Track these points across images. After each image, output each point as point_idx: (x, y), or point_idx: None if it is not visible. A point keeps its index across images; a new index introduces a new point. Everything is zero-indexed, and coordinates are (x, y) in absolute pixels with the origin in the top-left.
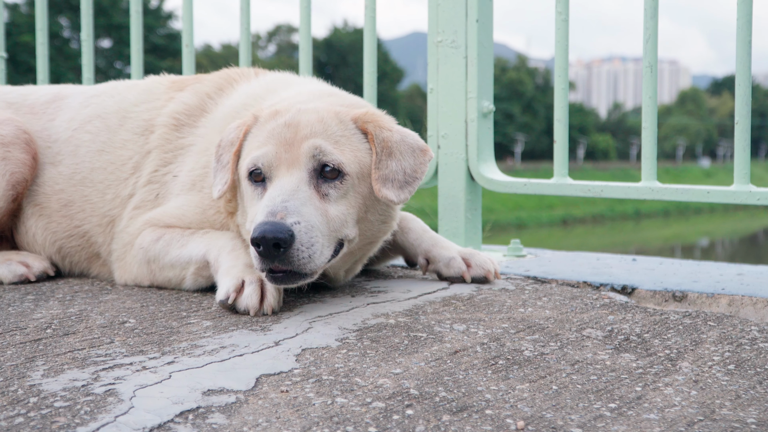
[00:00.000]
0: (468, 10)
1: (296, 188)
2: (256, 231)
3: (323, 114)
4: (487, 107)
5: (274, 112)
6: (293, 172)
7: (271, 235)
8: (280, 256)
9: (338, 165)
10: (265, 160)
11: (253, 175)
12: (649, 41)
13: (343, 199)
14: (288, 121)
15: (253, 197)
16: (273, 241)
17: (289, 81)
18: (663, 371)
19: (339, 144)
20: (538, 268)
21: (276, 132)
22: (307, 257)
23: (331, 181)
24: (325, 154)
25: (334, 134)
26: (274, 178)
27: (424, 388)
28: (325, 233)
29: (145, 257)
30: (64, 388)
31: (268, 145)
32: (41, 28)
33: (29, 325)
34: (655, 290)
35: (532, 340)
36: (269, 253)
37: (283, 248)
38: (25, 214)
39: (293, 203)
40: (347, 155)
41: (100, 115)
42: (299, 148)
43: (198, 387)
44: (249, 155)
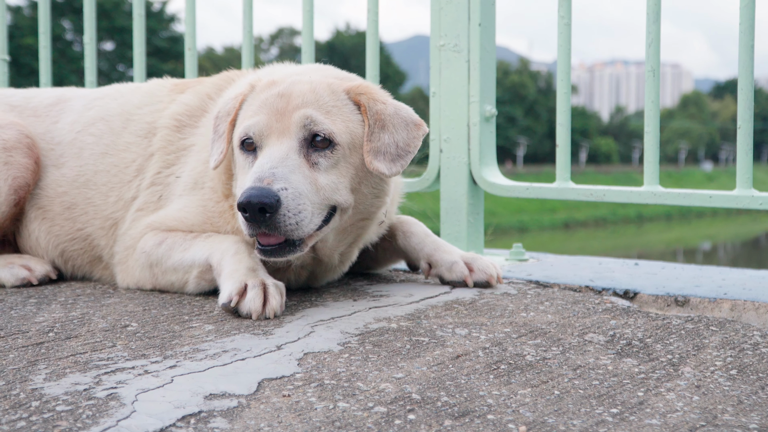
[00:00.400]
0: (470, 14)
1: (285, 156)
2: (243, 196)
3: (316, 85)
4: (490, 111)
5: (270, 82)
6: (283, 140)
7: (256, 200)
8: (266, 221)
9: (329, 134)
10: (257, 129)
11: (244, 144)
12: (652, 45)
13: (334, 169)
14: (281, 91)
15: (244, 166)
16: (258, 205)
17: (289, 65)
18: (665, 376)
19: (330, 114)
20: (541, 272)
21: (269, 102)
22: (294, 224)
23: (321, 151)
24: (315, 123)
25: (326, 104)
26: (264, 146)
27: (426, 393)
28: (315, 201)
29: (148, 261)
30: (66, 392)
31: (260, 114)
32: (44, 31)
33: (31, 329)
34: (658, 295)
35: (534, 345)
36: (255, 218)
37: (269, 213)
38: (28, 217)
39: (281, 170)
40: (338, 125)
41: (104, 118)
42: (290, 118)
43: (200, 391)
44: (242, 124)
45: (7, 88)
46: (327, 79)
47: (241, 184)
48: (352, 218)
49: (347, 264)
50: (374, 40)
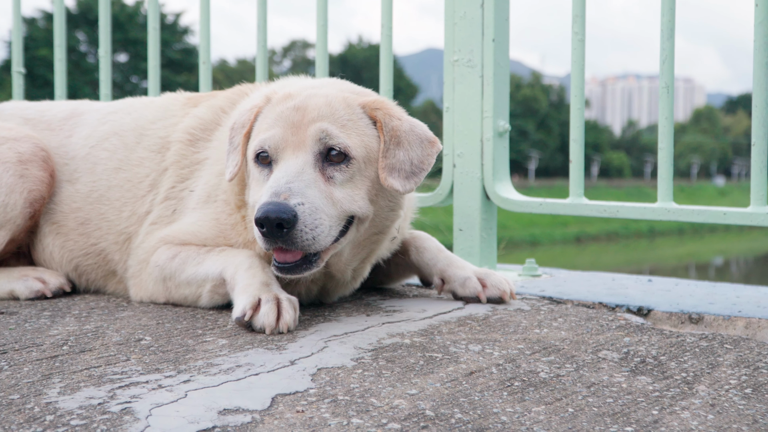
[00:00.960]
0: (484, 29)
1: (301, 170)
2: (260, 211)
3: (331, 98)
4: (503, 126)
5: (285, 95)
6: (299, 154)
7: (274, 215)
8: (283, 237)
9: (344, 148)
10: (272, 143)
11: (259, 158)
12: (666, 62)
13: (349, 183)
14: (297, 104)
15: (259, 179)
16: (276, 221)
17: (303, 78)
18: (679, 394)
19: (346, 128)
20: (554, 288)
21: (284, 115)
22: (311, 238)
23: (336, 165)
24: (331, 137)
25: (341, 118)
26: (280, 160)
27: (440, 410)
28: (332, 214)
29: (161, 275)
30: (81, 405)
31: (275, 127)
32: (59, 44)
33: (46, 342)
34: (672, 312)
35: (547, 362)
36: (272, 233)
37: (287, 228)
38: (43, 231)
39: (297, 185)
40: (354, 139)
41: (117, 133)
42: (306, 131)
43: (214, 406)
44: (257, 137)
45: (21, 101)
46: (342, 93)
47: (255, 196)
48: (367, 231)
49: (359, 280)
50: (388, 54)
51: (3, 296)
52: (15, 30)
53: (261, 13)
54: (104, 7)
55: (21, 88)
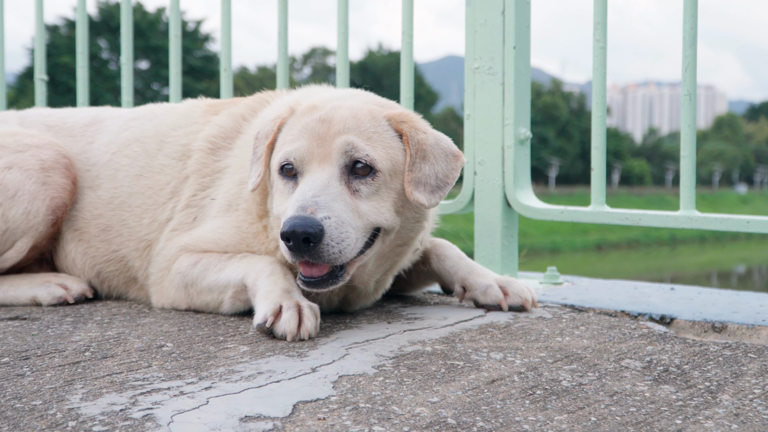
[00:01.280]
0: (505, 36)
1: (327, 183)
2: (286, 225)
3: (357, 111)
4: (524, 134)
5: (311, 106)
6: (325, 167)
7: (301, 229)
8: (310, 251)
9: (370, 161)
10: (297, 155)
11: (284, 170)
12: (688, 69)
13: (375, 195)
14: (322, 116)
15: (284, 191)
16: (303, 235)
17: (326, 87)
18: (703, 404)
19: (371, 140)
20: (575, 296)
21: (310, 126)
22: (337, 252)
23: (362, 178)
24: (357, 150)
25: (367, 131)
26: (305, 172)
27: (462, 418)
28: (358, 226)
29: (183, 281)
30: (103, 412)
31: (301, 139)
32: (82, 51)
33: (68, 348)
34: (695, 321)
35: (570, 370)
36: (299, 247)
37: (313, 243)
38: (65, 238)
39: (324, 198)
40: (379, 152)
41: (139, 139)
42: (331, 144)
43: (235, 413)
44: (282, 149)
45: (43, 108)
46: (368, 106)
47: (279, 208)
48: (392, 243)
49: (381, 292)
50: (409, 61)
51: (26, 302)
52: (38, 37)
53: (282, 21)
54: (126, 14)
55: (43, 95)
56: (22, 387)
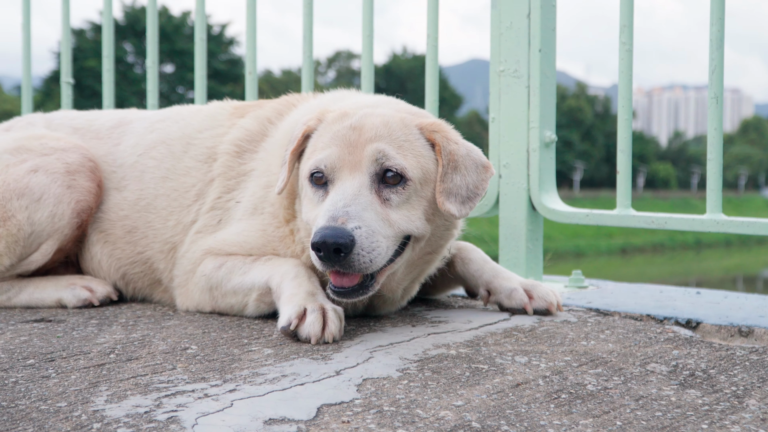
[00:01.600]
0: (531, 39)
1: (357, 192)
2: (317, 236)
3: (388, 118)
4: (550, 137)
5: (342, 113)
6: (355, 175)
7: (332, 240)
8: (341, 261)
9: (401, 170)
10: (328, 163)
11: (313, 178)
12: (715, 72)
13: (406, 204)
14: (353, 123)
15: (314, 200)
16: (334, 246)
17: (354, 92)
18: (729, 408)
19: (402, 149)
20: (601, 300)
21: (340, 134)
22: (368, 261)
23: (392, 187)
24: (387, 158)
25: (398, 139)
26: (336, 181)
27: (486, 421)
28: (389, 235)
29: (208, 284)
30: (127, 414)
31: (331, 147)
32: (107, 54)
33: (93, 350)
34: (721, 325)
35: (595, 374)
36: (330, 258)
37: (344, 253)
38: (90, 240)
39: (354, 208)
40: (410, 160)
41: (165, 141)
42: (362, 151)
43: (259, 416)
44: (312, 157)
45: (69, 111)
46: (399, 114)
47: (309, 215)
48: (421, 251)
49: (407, 299)
50: (434, 64)
51: (51, 304)
52: (64, 41)
53: (307, 24)
54: (152, 18)
55: (69, 98)
56: (47, 389)
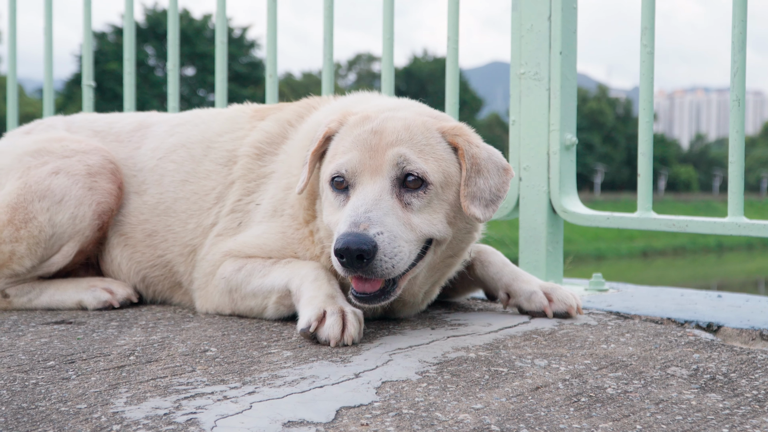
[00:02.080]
0: (551, 42)
1: (378, 197)
2: (340, 242)
3: (409, 122)
4: (570, 140)
5: (363, 117)
6: (376, 179)
7: (354, 246)
8: (363, 267)
9: (422, 174)
10: (349, 167)
11: (334, 182)
12: (737, 74)
13: (427, 208)
14: (374, 127)
15: (335, 204)
16: (357, 252)
17: (375, 95)
18: (750, 413)
19: (423, 153)
20: (621, 303)
21: (362, 138)
22: (390, 267)
23: (413, 191)
24: (409, 162)
25: (419, 143)
26: (357, 185)
27: (505, 425)
28: (411, 240)
29: (227, 287)
30: (147, 416)
31: (353, 151)
32: (129, 58)
33: (113, 352)
34: (742, 328)
35: (615, 378)
36: (352, 264)
37: (367, 259)
38: (111, 243)
39: (376, 213)
40: (431, 164)
41: (185, 145)
42: (383, 155)
43: (278, 418)
44: (333, 161)
45: (90, 113)
46: (421, 117)
47: (330, 218)
48: (443, 254)
49: (426, 303)
50: (454, 67)
51: (72, 306)
52: (86, 44)
53: (327, 27)
54: (173, 21)
55: (91, 101)
56: (67, 390)
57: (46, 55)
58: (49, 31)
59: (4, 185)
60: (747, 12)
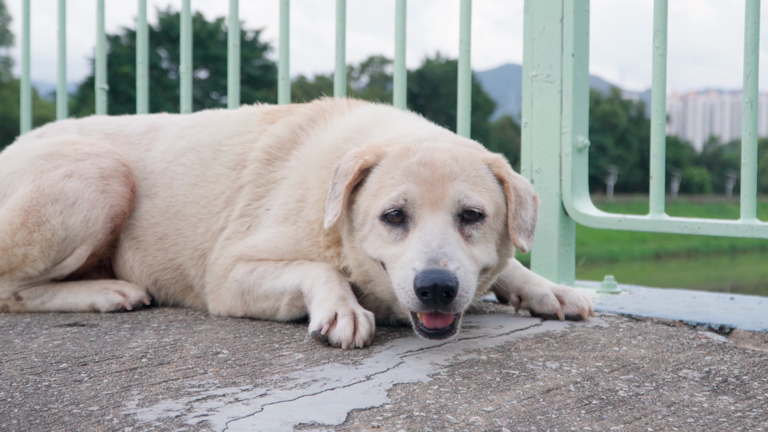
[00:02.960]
0: (564, 44)
1: (445, 232)
2: (426, 280)
3: (456, 153)
4: (582, 142)
5: (404, 149)
6: (438, 213)
7: (442, 284)
8: (444, 302)
9: (480, 208)
10: (409, 197)
11: (388, 217)
12: (750, 76)
13: (483, 238)
14: (422, 160)
15: (388, 238)
16: (444, 290)
17: (391, 114)
18: (762, 415)
19: (476, 185)
20: (633, 305)
21: (412, 170)
22: (465, 301)
23: (472, 223)
24: (469, 198)
25: (471, 175)
26: (417, 219)
27: (517, 427)
28: (476, 272)
29: (240, 289)
30: (159, 418)
31: (406, 184)
32: (142, 60)
33: (125, 354)
34: (755, 331)
35: (626, 380)
36: (435, 300)
37: (450, 295)
38: (123, 246)
39: (449, 249)
40: (485, 197)
41: (194, 148)
42: (442, 190)
43: (289, 420)
44: (381, 195)
45: (101, 116)
46: (464, 148)
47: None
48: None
49: None
50: (466, 69)
51: (84, 308)
52: (99, 47)
53: (339, 29)
54: (185, 24)
55: (104, 104)
56: (79, 392)
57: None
58: (63, 34)
59: (18, 188)
60: (760, 13)
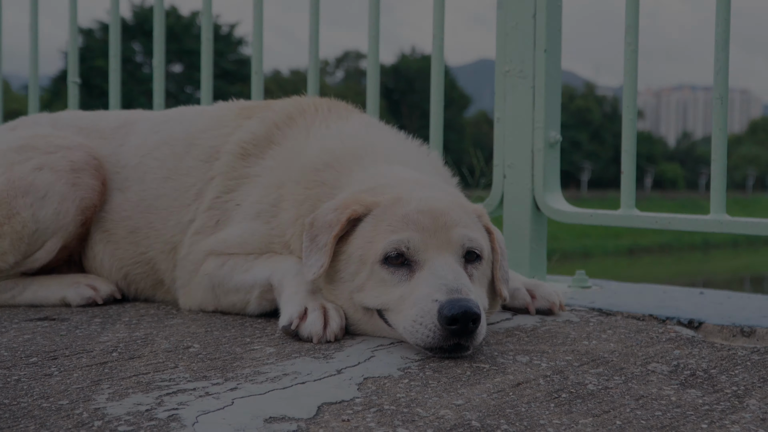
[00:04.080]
0: (536, 40)
1: (457, 269)
2: (454, 308)
3: (451, 204)
4: (554, 137)
5: (396, 198)
6: (444, 255)
7: (471, 310)
8: (468, 333)
9: (480, 251)
10: (411, 244)
11: (389, 260)
12: (720, 73)
13: (480, 279)
14: (419, 209)
15: (391, 281)
16: (473, 316)
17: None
18: (730, 408)
19: (474, 231)
20: (604, 300)
21: (411, 218)
22: (483, 333)
23: (473, 263)
24: (471, 240)
25: (468, 222)
26: (423, 262)
27: (486, 420)
28: (484, 308)
29: (210, 283)
30: (128, 412)
31: (406, 230)
32: (114, 54)
33: (95, 348)
34: (723, 325)
35: (596, 374)
36: (462, 330)
37: (476, 324)
38: (93, 239)
39: (464, 281)
40: (482, 242)
41: (168, 142)
42: (446, 236)
43: (260, 414)
44: (378, 241)
45: (77, 111)
46: (455, 198)
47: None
48: None
49: None
50: (439, 64)
51: (55, 303)
52: (71, 41)
53: (313, 25)
54: (159, 18)
55: (76, 98)
56: (49, 387)
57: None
58: (35, 28)
59: None
60: (730, 10)
